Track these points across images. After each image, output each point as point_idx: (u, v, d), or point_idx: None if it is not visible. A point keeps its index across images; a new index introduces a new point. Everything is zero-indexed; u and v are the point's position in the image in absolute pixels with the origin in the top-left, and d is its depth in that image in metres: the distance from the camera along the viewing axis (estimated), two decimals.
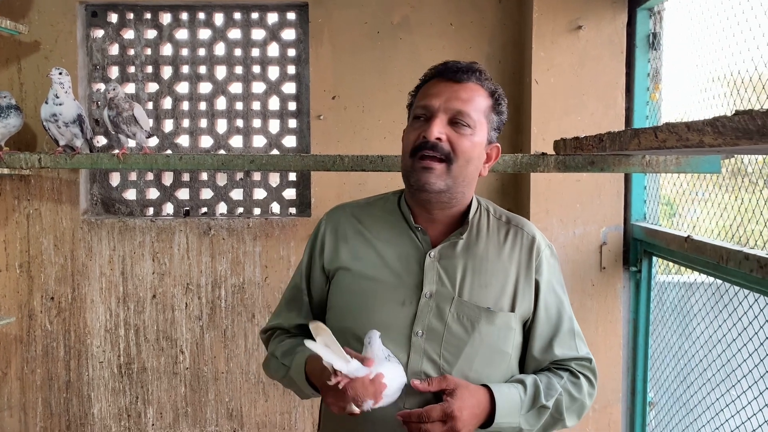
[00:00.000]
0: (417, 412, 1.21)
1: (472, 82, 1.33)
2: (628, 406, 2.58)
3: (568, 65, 2.50)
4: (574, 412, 1.35)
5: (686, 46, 2.28)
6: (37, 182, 2.67)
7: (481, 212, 1.41)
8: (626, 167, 1.99)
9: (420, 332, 1.29)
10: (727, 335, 1.93)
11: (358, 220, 1.42)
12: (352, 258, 1.38)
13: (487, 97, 1.35)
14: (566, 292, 1.42)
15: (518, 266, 1.36)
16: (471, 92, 1.32)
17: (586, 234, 2.52)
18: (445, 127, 1.30)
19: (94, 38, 2.75)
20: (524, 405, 1.28)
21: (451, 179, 1.30)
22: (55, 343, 2.71)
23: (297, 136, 2.79)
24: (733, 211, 2.01)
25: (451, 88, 1.32)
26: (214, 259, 2.70)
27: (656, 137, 1.30)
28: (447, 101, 1.30)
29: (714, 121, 1.05)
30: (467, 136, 1.30)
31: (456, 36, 2.66)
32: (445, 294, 1.31)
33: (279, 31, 2.75)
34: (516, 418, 1.27)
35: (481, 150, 1.34)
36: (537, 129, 2.50)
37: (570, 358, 1.38)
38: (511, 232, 1.39)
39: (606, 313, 2.54)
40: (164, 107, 2.78)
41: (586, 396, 1.36)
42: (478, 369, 1.30)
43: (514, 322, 1.33)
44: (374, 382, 1.18)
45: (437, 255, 1.34)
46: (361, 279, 1.35)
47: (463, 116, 1.30)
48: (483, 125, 1.33)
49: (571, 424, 1.36)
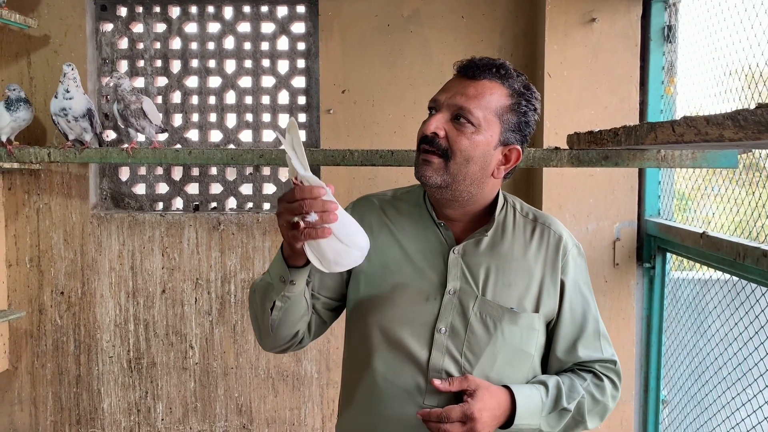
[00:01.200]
0: (437, 411, 1.19)
1: (487, 79, 1.27)
2: (640, 404, 2.55)
3: (582, 58, 2.46)
4: (596, 414, 1.33)
5: (702, 38, 2.24)
6: (47, 177, 2.67)
7: (507, 209, 1.38)
8: (641, 162, 1.95)
9: (443, 329, 1.28)
10: (743, 333, 1.89)
11: (384, 213, 1.39)
12: (376, 251, 1.34)
13: (506, 96, 1.27)
14: (592, 292, 1.39)
15: (544, 266, 1.33)
16: (482, 89, 1.26)
17: (599, 230, 2.49)
18: (447, 123, 1.26)
19: (104, 32, 2.74)
20: (545, 407, 1.26)
21: (449, 176, 1.26)
22: (65, 337, 2.71)
23: (307, 130, 2.77)
24: (748, 207, 1.97)
25: (461, 84, 1.28)
26: (224, 254, 2.68)
27: (674, 131, 1.27)
28: (452, 97, 1.26)
29: (735, 115, 1.02)
30: (467, 134, 1.24)
31: (467, 29, 2.62)
32: (469, 292, 1.29)
33: (288, 25, 2.73)
34: (536, 420, 1.25)
35: (486, 150, 1.26)
36: (550, 123, 2.47)
37: (594, 360, 1.35)
38: (537, 230, 1.36)
39: (619, 310, 2.51)
40: (173, 101, 2.77)
41: (609, 398, 1.34)
42: (499, 369, 1.28)
43: (537, 323, 1.31)
44: (326, 202, 1.09)
45: (461, 251, 1.32)
46: (385, 272, 1.33)
47: (464, 113, 1.24)
48: (493, 125, 1.26)
49: (593, 426, 1.34)
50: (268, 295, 1.24)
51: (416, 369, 1.27)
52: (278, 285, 1.22)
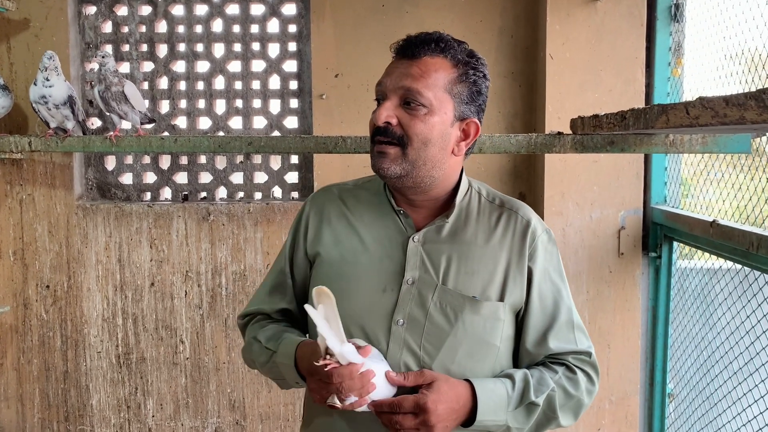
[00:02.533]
0: (389, 401, 1.12)
1: (428, 55, 1.19)
2: (646, 398, 2.47)
3: (585, 39, 2.36)
4: (569, 410, 1.24)
5: (711, 17, 2.14)
6: (30, 166, 2.57)
7: (472, 195, 1.31)
8: (648, 147, 1.86)
9: (401, 321, 1.21)
10: (756, 326, 1.81)
11: (344, 202, 1.34)
12: (334, 242, 1.30)
13: (451, 69, 1.19)
14: (566, 281, 1.31)
15: (510, 252, 1.25)
16: (425, 67, 1.18)
17: (603, 218, 2.40)
18: (397, 109, 1.18)
19: (86, 15, 2.63)
20: (512, 401, 1.18)
21: (409, 164, 1.19)
22: (51, 332, 2.62)
23: (299, 116, 2.66)
24: (753, 193, 1.89)
25: (403, 65, 1.19)
26: (214, 246, 2.59)
27: (688, 114, 1.17)
28: (397, 80, 1.18)
29: (759, 94, 0.92)
30: (420, 117, 1.17)
31: (465, 8, 2.51)
32: (428, 281, 1.22)
33: (279, 6, 2.62)
34: (502, 416, 1.17)
35: (443, 129, 1.19)
36: (552, 107, 2.37)
37: (567, 352, 1.26)
38: (504, 216, 1.28)
39: (624, 301, 2.43)
40: (160, 87, 2.66)
41: (583, 393, 1.25)
42: (461, 361, 1.20)
43: (502, 312, 1.23)
44: (364, 377, 1.09)
45: (421, 239, 1.25)
46: (341, 263, 1.27)
47: (413, 95, 1.16)
48: (445, 101, 1.18)
49: (567, 423, 1.25)
50: (279, 381, 1.31)
51: None
52: (292, 383, 1.27)
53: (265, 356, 1.29)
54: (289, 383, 1.27)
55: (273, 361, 1.27)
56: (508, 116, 2.54)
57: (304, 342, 1.23)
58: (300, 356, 1.22)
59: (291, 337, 1.27)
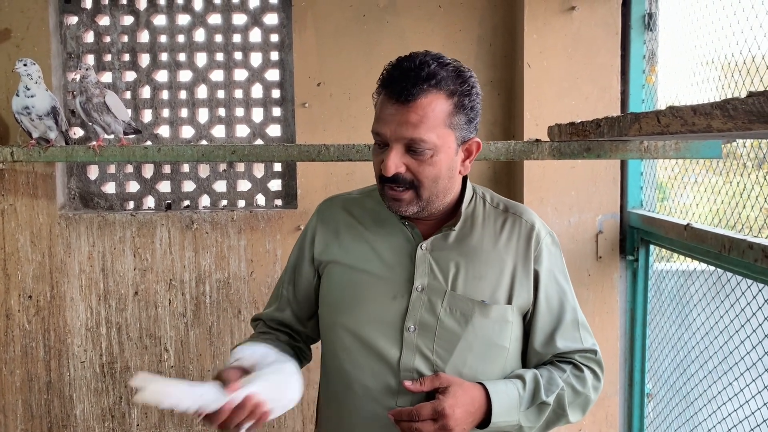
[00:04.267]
0: (408, 410, 1.16)
1: (422, 96, 1.17)
2: (625, 398, 2.52)
3: (562, 47, 2.41)
4: (577, 406, 1.29)
5: (684, 26, 2.20)
6: (12, 176, 2.57)
7: (477, 201, 1.36)
8: (624, 153, 1.91)
9: (412, 327, 1.24)
10: (729, 326, 1.86)
11: (350, 213, 1.38)
12: (344, 251, 1.34)
13: (446, 101, 1.19)
14: (570, 282, 1.37)
15: (516, 256, 1.30)
16: (423, 111, 1.17)
17: (581, 222, 2.45)
18: (403, 156, 1.20)
19: (68, 25, 2.63)
20: (523, 402, 1.23)
21: (423, 201, 1.25)
22: (34, 343, 2.61)
23: (282, 124, 2.69)
24: (726, 196, 1.95)
25: (399, 113, 1.18)
26: (198, 254, 2.60)
27: (659, 122, 1.22)
28: (397, 130, 1.18)
29: (724, 104, 0.96)
30: (428, 161, 1.20)
31: (445, 18, 2.56)
32: (437, 287, 1.26)
33: (261, 16, 2.64)
34: (515, 416, 1.22)
35: (449, 161, 1.23)
36: (530, 114, 2.41)
37: (574, 351, 1.32)
38: (509, 221, 1.33)
39: (602, 304, 2.48)
40: (143, 96, 2.67)
41: (590, 390, 1.31)
42: (472, 365, 1.25)
43: (511, 314, 1.28)
44: (245, 405, 1.11)
45: (429, 247, 1.29)
46: (352, 272, 1.31)
47: (416, 143, 1.18)
48: (446, 137, 1.20)
49: (575, 419, 1.30)
50: None
51: (387, 369, 1.25)
52: None
53: None
54: None
55: None
56: (487, 124, 2.59)
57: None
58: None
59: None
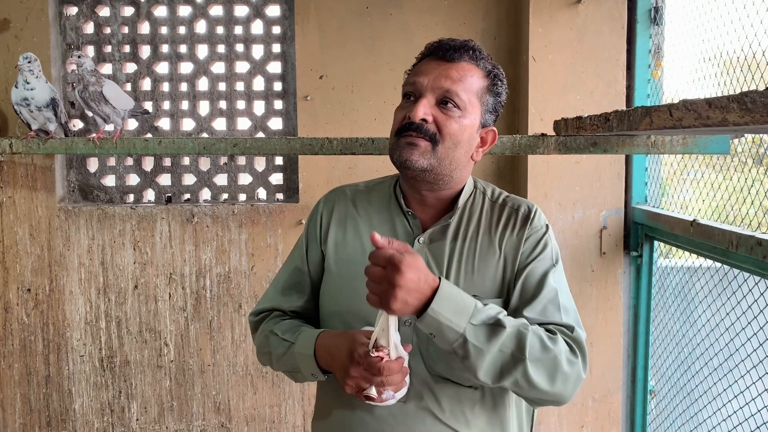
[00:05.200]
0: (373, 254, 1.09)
1: (465, 61, 1.25)
2: (628, 395, 2.51)
3: (567, 41, 2.39)
4: (542, 366, 1.13)
5: (690, 20, 2.17)
6: (10, 168, 2.54)
7: (476, 195, 1.34)
8: (630, 148, 1.89)
9: (407, 321, 1.23)
10: (735, 323, 1.85)
11: (354, 204, 1.37)
12: (343, 241, 1.33)
13: (483, 78, 1.26)
14: (559, 267, 1.28)
15: (508, 248, 1.28)
16: (463, 71, 1.24)
17: (585, 218, 2.43)
18: (433, 107, 1.22)
19: (68, 16, 2.60)
20: (477, 314, 1.10)
21: (436, 159, 1.22)
22: (33, 336, 2.59)
23: (283, 117, 2.66)
24: (726, 192, 1.93)
25: (441, 67, 1.24)
26: (198, 248, 2.58)
27: (671, 116, 1.19)
28: (436, 80, 1.23)
29: (742, 97, 0.94)
30: (455, 118, 1.22)
31: (449, 11, 2.53)
32: None
33: (263, 8, 2.61)
34: (462, 321, 1.09)
35: (471, 133, 1.26)
36: (534, 108, 2.39)
37: (544, 323, 1.21)
38: (505, 214, 1.31)
39: (606, 300, 2.46)
40: (143, 88, 2.65)
41: (562, 354, 1.15)
42: None
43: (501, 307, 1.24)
44: (405, 372, 1.13)
45: (427, 240, 1.28)
46: (350, 263, 1.30)
47: (451, 96, 1.22)
48: (475, 107, 1.25)
49: (540, 381, 1.13)
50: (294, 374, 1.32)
51: None
52: (308, 375, 1.27)
53: (282, 348, 1.29)
54: (305, 375, 1.27)
55: (290, 353, 1.27)
56: None
57: (324, 333, 1.25)
58: (320, 346, 1.23)
59: (309, 329, 1.29)
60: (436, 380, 1.23)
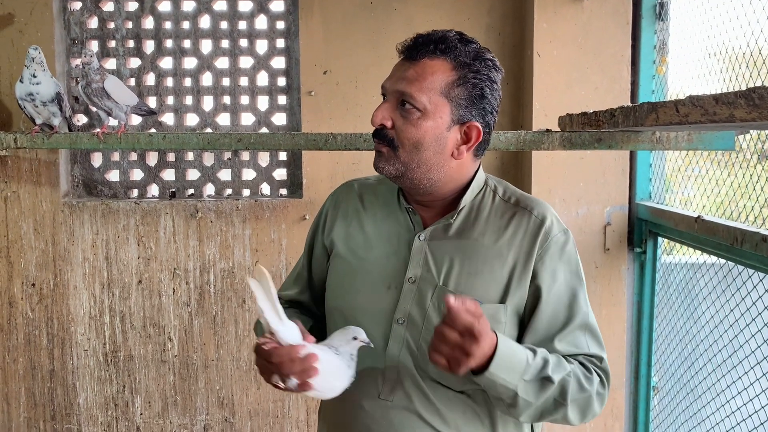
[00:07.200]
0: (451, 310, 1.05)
1: (427, 57, 1.17)
2: (631, 391, 2.51)
3: (572, 37, 2.38)
4: (578, 405, 1.16)
5: (695, 16, 2.17)
6: (15, 163, 2.54)
7: (486, 193, 1.28)
8: (635, 144, 1.89)
9: (401, 319, 1.21)
10: (740, 320, 1.84)
11: (360, 198, 1.36)
12: (346, 236, 1.32)
13: (450, 71, 1.17)
14: (584, 284, 1.26)
15: (518, 253, 1.21)
16: (422, 70, 1.16)
17: (589, 214, 2.43)
18: (394, 111, 1.19)
19: (72, 11, 2.60)
20: (529, 370, 1.10)
21: (402, 165, 1.19)
22: (37, 331, 2.60)
23: (287, 113, 2.66)
24: (728, 188, 1.93)
25: (403, 67, 1.19)
26: (202, 243, 2.58)
27: (677, 111, 1.19)
28: (395, 82, 1.18)
29: (749, 93, 0.94)
30: (413, 121, 1.16)
31: (454, 6, 2.53)
32: (429, 280, 1.21)
33: (267, 3, 2.61)
34: (515, 380, 1.09)
35: (437, 133, 1.17)
36: (539, 104, 2.39)
37: (575, 354, 1.21)
38: (516, 215, 1.24)
39: (609, 296, 2.46)
40: (147, 83, 2.65)
41: (595, 393, 1.17)
42: None
43: (503, 314, 1.19)
44: (304, 360, 1.07)
45: (427, 237, 1.24)
46: (351, 258, 1.29)
47: (407, 98, 1.16)
48: (441, 105, 1.16)
49: (574, 420, 1.17)
50: None
51: (374, 359, 1.22)
52: None
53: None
54: None
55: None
56: None
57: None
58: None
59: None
60: (427, 383, 1.20)
